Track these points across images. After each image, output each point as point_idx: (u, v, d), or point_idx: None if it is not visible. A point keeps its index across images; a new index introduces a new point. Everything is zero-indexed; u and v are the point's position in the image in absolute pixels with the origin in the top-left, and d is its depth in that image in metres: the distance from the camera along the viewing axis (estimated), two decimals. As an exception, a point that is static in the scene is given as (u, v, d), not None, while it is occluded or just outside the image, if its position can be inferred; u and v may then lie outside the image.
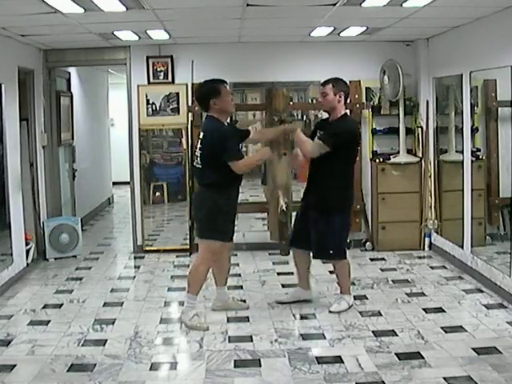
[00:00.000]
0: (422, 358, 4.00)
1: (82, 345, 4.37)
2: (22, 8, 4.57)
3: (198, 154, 4.62)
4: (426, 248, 6.95)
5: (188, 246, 6.98)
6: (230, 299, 5.14)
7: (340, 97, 4.72)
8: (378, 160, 6.94)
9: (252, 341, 4.38)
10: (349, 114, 5.01)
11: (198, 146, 4.64)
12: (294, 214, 6.97)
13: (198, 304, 4.89)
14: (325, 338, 4.44)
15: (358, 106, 6.96)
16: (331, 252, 4.89)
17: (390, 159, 6.94)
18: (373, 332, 4.50)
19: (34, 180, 6.80)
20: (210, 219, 4.62)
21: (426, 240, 6.95)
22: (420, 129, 6.94)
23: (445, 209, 6.70)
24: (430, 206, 6.84)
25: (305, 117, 10.43)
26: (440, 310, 4.96)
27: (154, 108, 7.04)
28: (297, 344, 4.33)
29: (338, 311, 4.91)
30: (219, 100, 4.54)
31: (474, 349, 4.11)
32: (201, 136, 4.63)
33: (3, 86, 5.70)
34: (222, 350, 4.24)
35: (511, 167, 5.38)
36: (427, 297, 5.32)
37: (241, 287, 5.77)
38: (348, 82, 6.85)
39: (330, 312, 4.91)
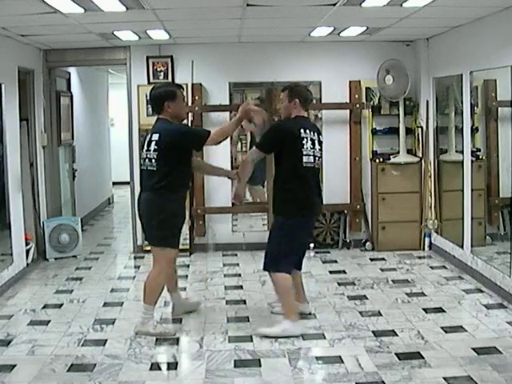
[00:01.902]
0: (422, 358, 4.00)
1: (82, 345, 4.36)
2: (22, 8, 4.58)
3: (153, 156, 4.43)
4: (426, 248, 6.95)
5: (188, 246, 6.98)
6: (186, 300, 5.08)
7: (295, 104, 4.54)
8: (377, 160, 6.94)
9: (252, 341, 4.38)
10: (298, 117, 4.59)
11: (152, 147, 4.43)
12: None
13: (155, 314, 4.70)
14: (325, 338, 4.43)
15: (357, 106, 6.97)
16: (265, 260, 4.60)
17: (389, 159, 6.94)
18: (373, 332, 4.50)
19: (33, 180, 6.80)
20: (160, 225, 4.45)
21: (426, 240, 6.95)
22: (420, 129, 6.94)
23: (445, 209, 6.71)
24: (430, 206, 6.84)
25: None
26: (440, 310, 4.96)
27: (153, 108, 7.02)
28: (297, 344, 4.33)
29: (263, 333, 4.43)
30: (174, 103, 4.48)
31: (474, 349, 4.11)
32: (154, 137, 4.44)
33: (3, 86, 5.70)
34: (222, 350, 4.24)
35: (511, 167, 5.38)
36: (427, 297, 5.32)
37: (241, 287, 5.77)
38: (348, 82, 6.98)
39: (255, 333, 4.47)
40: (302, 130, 4.47)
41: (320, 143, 4.61)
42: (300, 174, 4.49)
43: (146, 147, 4.51)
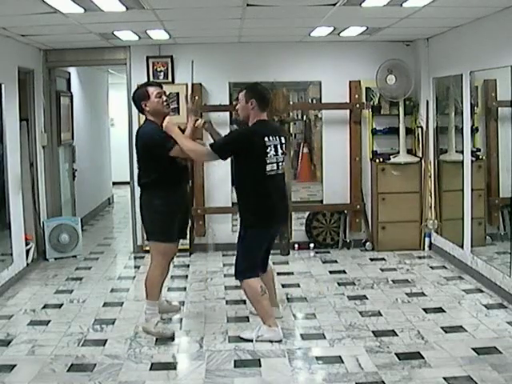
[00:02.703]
0: (422, 358, 4.00)
1: (82, 345, 4.37)
2: (22, 8, 4.58)
3: (136, 156, 4.74)
4: (426, 248, 6.95)
5: (188, 246, 6.97)
6: (165, 302, 5.06)
7: (252, 104, 4.36)
8: (377, 160, 6.94)
9: (252, 341, 4.38)
10: (262, 121, 4.43)
11: (135, 147, 4.71)
12: (293, 213, 7.06)
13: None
14: (325, 337, 4.43)
15: (357, 105, 6.97)
16: (235, 270, 4.52)
17: (390, 159, 6.94)
18: (373, 332, 4.50)
19: (34, 180, 6.80)
20: (150, 221, 4.59)
21: (426, 240, 6.95)
22: (420, 129, 6.94)
23: (445, 209, 6.71)
24: (430, 206, 6.84)
25: (305, 117, 10.45)
26: (440, 309, 4.96)
27: (153, 108, 7.02)
28: (297, 344, 4.33)
29: (243, 337, 4.41)
30: (149, 102, 4.53)
31: (474, 349, 4.11)
32: (136, 137, 4.67)
33: (3, 86, 5.70)
34: (222, 350, 4.24)
35: (511, 167, 5.38)
36: (427, 297, 5.32)
37: (241, 287, 5.76)
38: (348, 82, 6.98)
39: (239, 337, 4.44)
40: (266, 139, 4.31)
41: (282, 146, 4.46)
42: (262, 184, 4.35)
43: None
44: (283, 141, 4.51)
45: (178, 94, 6.93)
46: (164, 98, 4.58)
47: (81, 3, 4.45)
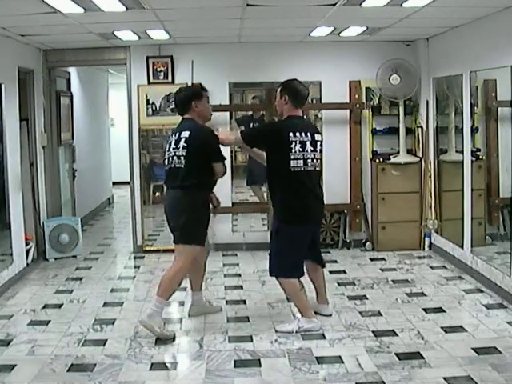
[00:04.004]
0: (422, 358, 4.00)
1: (82, 345, 4.37)
2: (22, 8, 4.58)
3: (181, 154, 4.46)
4: (426, 248, 6.95)
5: (188, 246, 6.97)
6: (207, 303, 5.07)
7: (285, 99, 4.44)
8: (377, 160, 6.94)
9: (252, 341, 4.38)
10: (294, 117, 4.50)
11: (181, 144, 4.46)
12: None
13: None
14: (325, 338, 4.43)
15: (357, 105, 6.97)
16: (270, 265, 4.56)
17: (390, 159, 6.94)
18: (373, 332, 4.50)
19: (34, 180, 6.80)
20: (195, 224, 4.51)
21: (426, 240, 6.95)
22: (420, 129, 6.94)
23: (445, 209, 6.71)
24: (430, 206, 6.84)
25: (305, 117, 10.43)
26: (440, 309, 4.96)
27: (153, 108, 7.04)
28: (297, 344, 4.33)
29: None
30: (200, 103, 4.58)
31: (474, 349, 4.11)
32: (184, 135, 4.47)
33: (3, 86, 5.70)
34: (222, 350, 4.24)
35: (511, 167, 5.38)
36: (427, 297, 5.32)
37: (241, 287, 5.77)
38: (348, 82, 6.98)
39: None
40: (291, 134, 4.34)
41: (315, 143, 4.47)
42: (287, 179, 4.39)
43: (173, 145, 4.53)
44: (317, 138, 4.52)
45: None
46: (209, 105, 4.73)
47: (81, 3, 4.45)
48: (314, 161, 4.47)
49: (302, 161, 4.39)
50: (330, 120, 7.12)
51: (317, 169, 4.54)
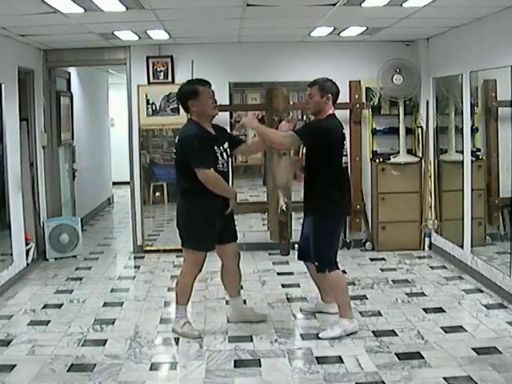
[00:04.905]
0: (422, 358, 4.00)
1: (82, 345, 4.36)
2: (22, 8, 4.58)
3: (175, 159, 4.43)
4: (426, 248, 6.95)
5: (188, 246, 6.97)
6: (247, 309, 4.94)
7: (327, 99, 4.43)
8: (378, 160, 6.94)
9: (252, 341, 4.38)
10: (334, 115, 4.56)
11: (175, 150, 4.44)
12: (293, 213, 7.05)
13: (188, 314, 4.70)
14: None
15: (357, 105, 6.97)
16: (316, 263, 4.54)
17: (390, 159, 6.94)
18: (373, 332, 4.50)
19: (34, 180, 6.80)
20: (186, 228, 4.45)
21: (426, 240, 6.95)
22: (420, 129, 6.94)
23: (445, 209, 6.71)
24: (430, 206, 6.84)
25: (305, 117, 10.44)
26: (440, 309, 4.96)
27: (153, 108, 7.04)
28: (297, 344, 4.33)
29: (327, 337, 4.37)
30: (197, 102, 4.30)
31: (474, 349, 4.11)
32: (177, 139, 4.43)
33: (3, 86, 5.70)
34: (222, 350, 4.24)
35: (511, 167, 5.38)
36: (427, 297, 5.32)
37: (241, 287, 5.75)
38: (348, 82, 6.98)
39: (318, 338, 4.40)
40: (341, 132, 4.50)
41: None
42: (340, 175, 4.52)
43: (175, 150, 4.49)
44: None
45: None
46: (212, 99, 4.39)
47: (81, 3, 4.45)
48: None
49: (346, 157, 4.60)
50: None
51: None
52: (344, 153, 4.56)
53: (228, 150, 4.52)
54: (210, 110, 4.38)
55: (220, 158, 4.40)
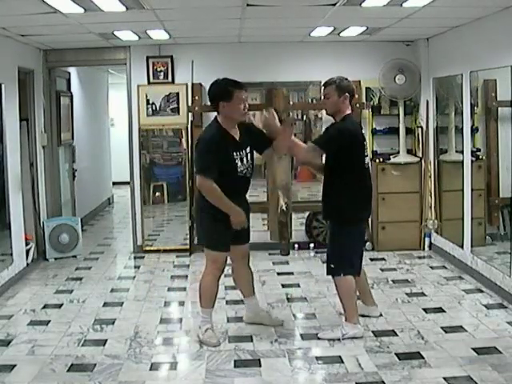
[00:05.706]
0: (422, 358, 4.00)
1: (82, 345, 4.36)
2: (22, 8, 4.57)
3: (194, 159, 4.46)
4: (426, 248, 6.95)
5: (188, 246, 6.97)
6: (264, 312, 4.82)
7: (345, 99, 4.34)
8: (378, 160, 6.94)
9: (252, 341, 4.38)
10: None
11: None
12: (293, 213, 7.05)
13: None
14: (325, 337, 4.44)
15: (358, 105, 6.96)
16: (332, 266, 4.43)
17: (390, 159, 6.94)
18: (373, 332, 4.49)
19: (34, 180, 6.80)
20: (202, 227, 4.40)
21: (426, 240, 6.95)
22: (420, 129, 6.94)
23: (445, 209, 6.70)
24: (430, 206, 6.84)
25: (305, 117, 10.44)
26: (440, 309, 4.96)
27: (154, 108, 7.04)
28: (297, 344, 4.33)
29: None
30: (228, 105, 4.15)
31: (474, 349, 4.11)
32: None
33: (3, 86, 5.70)
34: (222, 350, 4.23)
35: (511, 167, 5.38)
36: (427, 297, 5.32)
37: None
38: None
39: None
40: (363, 131, 4.45)
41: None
42: (363, 177, 4.40)
43: None
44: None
45: (178, 93, 6.95)
46: (244, 104, 4.20)
47: (81, 3, 4.45)
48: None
49: (367, 158, 4.46)
50: (330, 120, 7.06)
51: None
52: (365, 154, 4.42)
53: (250, 154, 4.34)
54: (239, 115, 4.24)
55: (240, 163, 4.22)
